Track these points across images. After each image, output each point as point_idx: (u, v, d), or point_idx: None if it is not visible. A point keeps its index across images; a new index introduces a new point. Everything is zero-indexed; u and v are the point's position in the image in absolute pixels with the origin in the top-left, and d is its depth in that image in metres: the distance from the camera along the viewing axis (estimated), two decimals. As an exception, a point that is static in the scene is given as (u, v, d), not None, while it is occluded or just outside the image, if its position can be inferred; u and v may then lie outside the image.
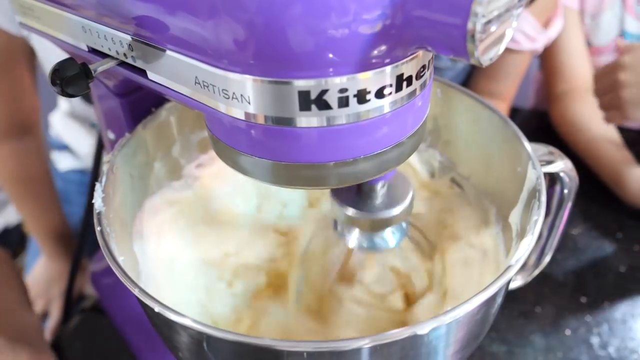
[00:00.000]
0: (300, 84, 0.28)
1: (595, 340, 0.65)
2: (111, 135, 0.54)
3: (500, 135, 0.46)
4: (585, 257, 0.77)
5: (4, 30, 0.77)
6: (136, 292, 0.32)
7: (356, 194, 0.42)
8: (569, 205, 0.47)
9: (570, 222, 0.81)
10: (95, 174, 0.63)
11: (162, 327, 0.36)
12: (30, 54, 0.85)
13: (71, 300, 0.77)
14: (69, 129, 1.05)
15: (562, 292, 0.72)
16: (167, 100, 0.50)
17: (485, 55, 0.26)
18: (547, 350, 0.64)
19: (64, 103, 1.05)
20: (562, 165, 0.43)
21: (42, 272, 0.96)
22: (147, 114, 0.49)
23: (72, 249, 0.93)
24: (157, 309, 0.30)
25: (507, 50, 0.86)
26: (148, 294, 0.31)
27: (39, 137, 0.93)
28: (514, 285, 0.53)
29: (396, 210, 0.41)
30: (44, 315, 0.92)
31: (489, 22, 0.25)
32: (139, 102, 0.49)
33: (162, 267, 0.47)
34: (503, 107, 0.93)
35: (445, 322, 0.29)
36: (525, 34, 0.85)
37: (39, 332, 0.68)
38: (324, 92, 0.28)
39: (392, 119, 0.31)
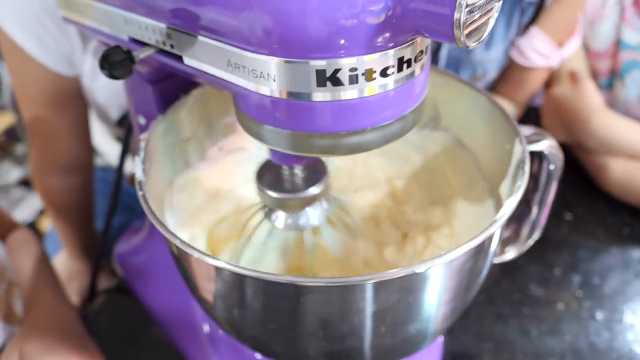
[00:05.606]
0: (317, 63, 0.33)
1: (585, 313, 0.71)
2: (142, 121, 0.60)
3: (493, 119, 0.52)
4: (578, 239, 0.82)
5: (51, 70, 0.76)
6: (177, 242, 0.37)
7: (278, 178, 0.48)
8: (555, 181, 0.52)
9: (563, 206, 0.86)
10: (120, 170, 0.66)
11: (194, 276, 0.42)
12: (83, 95, 0.83)
13: (96, 281, 0.80)
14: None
15: (555, 271, 0.77)
16: (194, 87, 0.56)
17: (470, 39, 0.32)
18: (540, 322, 0.70)
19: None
20: (548, 143, 0.48)
21: (62, 268, 0.98)
22: (176, 99, 0.55)
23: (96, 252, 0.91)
24: (196, 255, 0.36)
25: (521, 67, 0.92)
26: (187, 243, 0.37)
27: (89, 175, 0.92)
28: (508, 256, 0.58)
29: (316, 189, 0.47)
30: None
31: (472, 11, 0.30)
32: (169, 89, 0.55)
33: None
34: (517, 112, 0.99)
35: (439, 262, 0.35)
36: (538, 51, 0.89)
37: (79, 324, 0.66)
38: (337, 70, 0.33)
39: (395, 95, 0.36)
